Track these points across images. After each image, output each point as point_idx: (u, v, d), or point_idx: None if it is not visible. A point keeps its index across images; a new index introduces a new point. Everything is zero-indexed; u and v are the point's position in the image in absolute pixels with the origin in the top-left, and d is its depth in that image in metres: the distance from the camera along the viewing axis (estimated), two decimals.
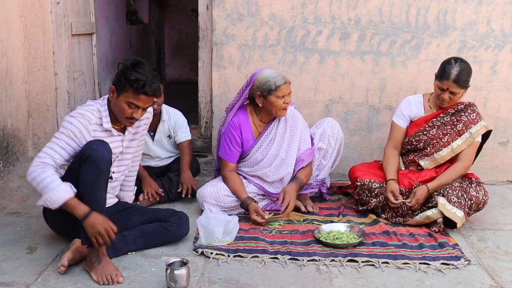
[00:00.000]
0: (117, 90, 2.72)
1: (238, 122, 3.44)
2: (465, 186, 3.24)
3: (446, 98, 3.31)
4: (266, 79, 3.28)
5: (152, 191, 3.57)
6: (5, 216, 3.37)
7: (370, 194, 3.42)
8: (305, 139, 3.49)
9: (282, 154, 3.43)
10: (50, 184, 2.54)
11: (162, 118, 3.77)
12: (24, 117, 4.08)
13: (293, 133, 3.45)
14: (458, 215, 3.12)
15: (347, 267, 2.77)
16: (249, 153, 3.49)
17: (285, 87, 3.29)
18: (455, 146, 3.36)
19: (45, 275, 2.65)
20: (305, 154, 3.47)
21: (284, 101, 3.31)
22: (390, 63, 4.01)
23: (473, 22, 3.94)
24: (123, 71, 2.70)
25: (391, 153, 3.51)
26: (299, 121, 3.48)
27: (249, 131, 3.47)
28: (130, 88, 2.67)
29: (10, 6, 3.83)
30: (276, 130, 3.45)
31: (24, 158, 4.06)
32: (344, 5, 3.94)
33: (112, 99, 2.77)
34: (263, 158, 3.46)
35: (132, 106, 2.71)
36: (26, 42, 4.02)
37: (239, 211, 3.40)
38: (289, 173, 3.45)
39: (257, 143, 3.47)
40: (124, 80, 2.68)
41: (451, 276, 2.70)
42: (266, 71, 3.34)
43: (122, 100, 2.71)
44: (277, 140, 3.44)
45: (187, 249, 2.96)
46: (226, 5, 3.94)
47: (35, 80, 4.08)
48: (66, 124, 2.70)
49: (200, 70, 4.22)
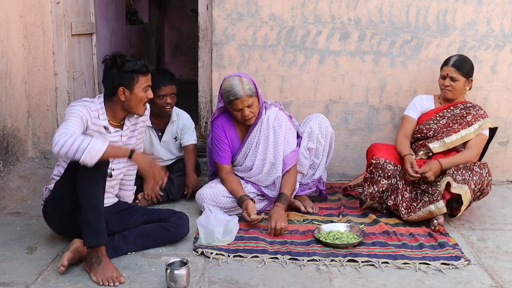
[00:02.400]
0: (128, 87, 2.78)
1: (221, 123, 3.45)
2: (468, 165, 3.31)
3: (447, 85, 3.50)
4: (226, 90, 3.27)
5: (152, 194, 3.56)
6: (5, 216, 3.37)
7: (382, 175, 3.39)
8: (289, 141, 3.44)
9: (270, 158, 3.41)
10: (84, 142, 2.49)
11: (172, 119, 3.77)
12: (24, 117, 4.08)
13: (277, 134, 3.41)
14: (463, 189, 3.17)
15: (347, 267, 2.77)
16: (237, 158, 3.49)
17: (237, 102, 3.23)
18: (464, 134, 3.47)
19: (45, 275, 2.65)
20: (288, 157, 3.42)
21: (242, 113, 3.28)
22: (390, 63, 4.01)
23: (473, 22, 3.94)
24: (119, 70, 2.75)
25: (402, 138, 3.59)
26: (283, 122, 3.43)
27: (234, 133, 3.46)
28: (138, 75, 2.78)
29: (10, 6, 3.83)
30: (259, 135, 3.43)
31: (24, 158, 4.06)
32: (344, 5, 3.94)
33: (125, 99, 2.80)
34: (253, 164, 3.45)
35: (146, 88, 2.83)
36: (26, 42, 4.02)
37: (238, 212, 3.40)
38: (278, 177, 3.42)
39: (243, 147, 3.46)
40: (128, 74, 2.75)
41: (451, 276, 2.70)
42: (226, 82, 3.29)
43: (138, 90, 2.80)
44: (261, 144, 3.42)
45: (187, 249, 2.96)
46: (226, 5, 3.94)
47: (35, 80, 4.08)
48: (71, 109, 2.71)
49: (200, 70, 4.22)
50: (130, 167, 3.12)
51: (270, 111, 3.44)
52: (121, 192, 3.17)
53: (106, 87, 2.84)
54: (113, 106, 2.85)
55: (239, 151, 3.47)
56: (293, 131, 3.50)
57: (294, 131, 3.52)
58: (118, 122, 2.91)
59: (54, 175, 2.92)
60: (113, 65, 2.77)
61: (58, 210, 2.83)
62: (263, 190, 3.48)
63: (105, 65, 2.82)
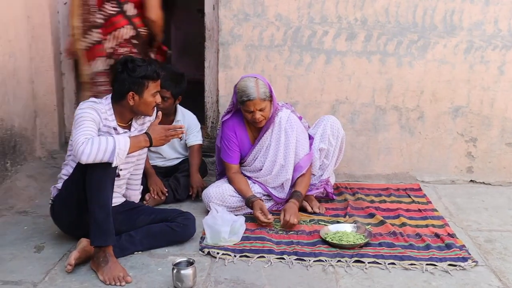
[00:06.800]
0: (137, 92, 2.79)
1: (232, 124, 3.45)
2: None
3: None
4: (240, 90, 3.27)
5: (157, 189, 3.57)
6: (12, 215, 3.39)
7: None
8: (302, 143, 3.45)
9: (280, 160, 3.41)
10: (109, 143, 2.57)
11: (176, 118, 3.78)
12: (32, 117, 4.10)
13: (288, 137, 3.41)
14: None
15: (354, 267, 2.77)
16: (246, 159, 3.49)
17: (250, 104, 3.24)
18: None
19: (52, 274, 2.66)
20: (303, 161, 3.44)
21: (252, 115, 3.28)
22: (396, 63, 4.00)
23: (480, 22, 3.93)
24: (129, 75, 2.76)
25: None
26: (295, 125, 3.43)
27: (244, 134, 3.46)
28: (149, 81, 2.80)
29: (17, 6, 3.85)
30: (271, 137, 3.43)
31: (31, 157, 4.08)
32: (350, 5, 3.93)
33: (134, 103, 2.82)
34: (262, 166, 3.46)
35: (155, 94, 2.85)
36: (34, 42, 4.04)
37: (244, 212, 3.40)
38: (288, 179, 3.42)
39: (253, 149, 3.46)
40: (139, 79, 2.77)
41: (458, 277, 2.69)
42: (241, 82, 3.30)
43: (147, 95, 2.82)
44: (273, 146, 3.42)
45: (193, 249, 2.96)
46: (232, 5, 3.94)
47: (43, 80, 4.10)
48: (82, 113, 2.73)
49: (206, 70, 4.22)
50: (137, 167, 3.13)
51: (282, 112, 3.44)
52: (128, 192, 3.18)
53: (115, 90, 2.85)
54: (121, 109, 2.86)
55: (249, 153, 3.48)
56: (305, 133, 3.51)
57: (306, 133, 3.52)
58: (126, 123, 2.93)
59: (62, 174, 2.93)
60: (123, 69, 2.77)
61: (65, 209, 2.84)
62: (270, 191, 3.48)
63: (116, 68, 2.82)
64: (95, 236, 2.62)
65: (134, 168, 3.09)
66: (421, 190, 3.95)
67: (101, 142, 2.56)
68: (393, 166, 4.15)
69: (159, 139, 2.81)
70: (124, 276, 2.58)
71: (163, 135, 2.82)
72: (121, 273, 2.59)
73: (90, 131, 2.64)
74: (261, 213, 3.21)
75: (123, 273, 2.59)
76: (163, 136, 2.82)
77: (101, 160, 2.56)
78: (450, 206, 3.67)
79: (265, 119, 3.32)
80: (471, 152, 4.10)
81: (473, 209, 3.62)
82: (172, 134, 2.85)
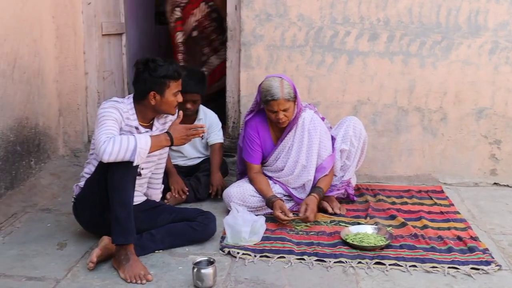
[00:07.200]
0: (158, 92, 2.81)
1: (255, 124, 3.45)
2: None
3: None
4: (264, 89, 3.27)
5: (178, 188, 3.59)
6: (36, 213, 3.44)
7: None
8: (325, 145, 3.44)
9: (302, 161, 3.40)
10: (130, 142, 2.59)
11: (199, 117, 3.79)
12: (55, 116, 4.15)
13: (311, 138, 3.40)
14: None
15: (374, 269, 2.75)
16: (268, 159, 3.49)
17: (273, 104, 3.23)
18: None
19: (75, 271, 2.70)
20: (326, 162, 3.43)
21: (276, 115, 3.27)
22: (419, 64, 3.96)
23: (505, 23, 3.87)
24: (151, 74, 2.79)
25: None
26: (318, 126, 3.42)
27: (267, 134, 3.46)
28: (170, 81, 2.82)
29: (43, 7, 3.90)
30: (293, 138, 3.42)
31: (55, 156, 4.13)
32: (373, 6, 3.90)
33: (155, 102, 2.84)
34: (284, 166, 3.45)
35: (177, 93, 2.88)
36: (58, 42, 4.10)
37: (265, 212, 3.40)
38: (309, 180, 3.41)
39: (276, 150, 3.46)
40: (161, 79, 2.79)
41: (481, 281, 2.65)
42: (266, 81, 3.30)
43: (169, 95, 2.84)
44: (295, 147, 3.42)
45: (214, 248, 2.97)
46: (254, 5, 3.95)
47: (66, 79, 4.16)
48: (104, 112, 2.76)
49: (228, 70, 4.24)
50: (158, 166, 3.15)
51: (306, 113, 3.43)
52: (149, 191, 3.20)
53: (137, 90, 2.88)
54: (143, 108, 2.89)
55: (272, 153, 3.48)
56: (328, 134, 3.50)
57: (329, 134, 3.51)
58: (148, 123, 2.95)
59: (84, 173, 2.96)
60: (145, 69, 2.80)
61: (87, 207, 2.88)
62: (291, 191, 3.47)
63: (137, 68, 2.84)
64: (117, 234, 2.64)
65: (155, 167, 3.11)
66: (444, 192, 3.90)
67: (123, 141, 2.58)
68: (415, 167, 4.11)
69: (180, 138, 2.81)
70: (145, 274, 2.60)
71: (184, 134, 2.82)
72: (142, 271, 2.61)
73: (112, 130, 2.67)
74: (282, 212, 3.21)
75: (144, 271, 2.61)
76: (184, 135, 2.82)
77: (122, 159, 2.58)
78: (473, 208, 3.62)
79: (288, 119, 3.31)
80: (495, 154, 4.04)
81: (497, 212, 3.56)
82: (193, 134, 2.85)
